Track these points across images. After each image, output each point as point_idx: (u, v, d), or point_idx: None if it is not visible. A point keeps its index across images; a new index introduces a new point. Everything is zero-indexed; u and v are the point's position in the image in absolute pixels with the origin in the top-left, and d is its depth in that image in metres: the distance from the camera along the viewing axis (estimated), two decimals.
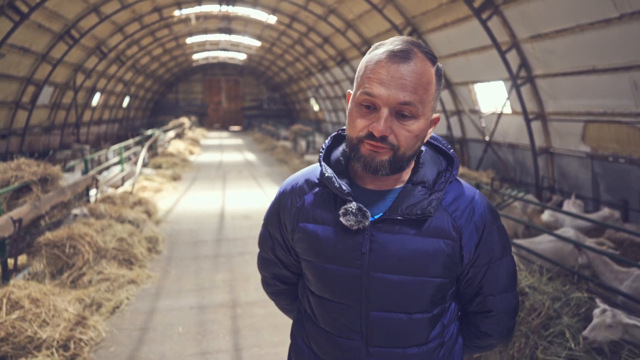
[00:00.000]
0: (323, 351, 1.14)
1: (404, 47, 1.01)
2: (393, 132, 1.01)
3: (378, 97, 1.00)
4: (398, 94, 0.99)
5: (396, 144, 1.02)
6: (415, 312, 1.08)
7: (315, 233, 1.13)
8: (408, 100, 1.00)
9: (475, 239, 1.10)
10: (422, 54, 1.03)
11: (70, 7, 13.01)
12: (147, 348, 3.58)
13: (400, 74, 0.99)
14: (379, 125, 0.99)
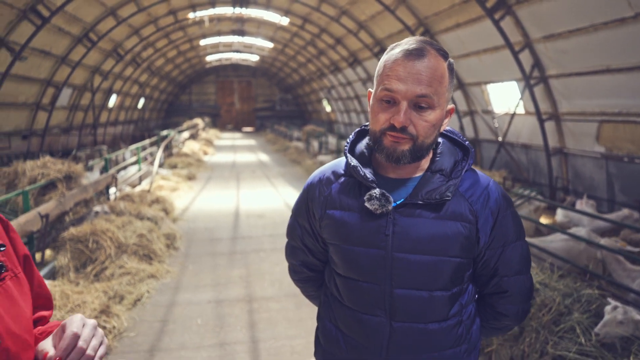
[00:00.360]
0: (350, 329, 1.24)
1: (418, 45, 1.12)
2: (412, 123, 1.11)
3: (397, 91, 1.10)
4: (415, 87, 1.09)
5: (415, 133, 1.12)
6: (435, 289, 1.17)
7: (342, 219, 1.23)
8: (424, 92, 1.10)
9: (490, 223, 1.20)
10: (435, 50, 1.13)
11: (88, 10, 13.32)
12: (168, 338, 3.72)
13: (416, 69, 1.09)
14: (399, 117, 1.10)
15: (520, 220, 1.29)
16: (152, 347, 3.58)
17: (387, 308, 1.18)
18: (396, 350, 1.17)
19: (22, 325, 0.83)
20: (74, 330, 0.80)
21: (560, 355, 3.07)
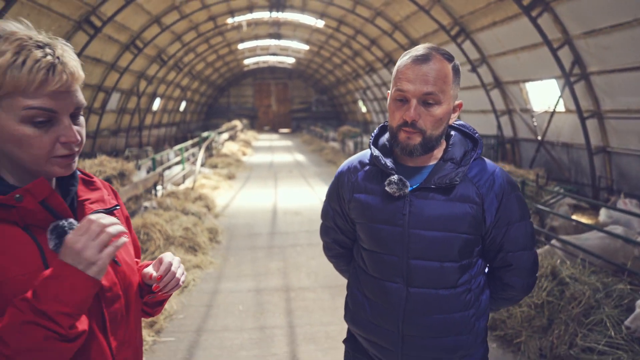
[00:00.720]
0: (373, 294, 1.44)
1: (424, 52, 1.32)
2: (421, 118, 1.30)
3: (407, 91, 1.30)
4: (422, 87, 1.29)
5: (424, 127, 1.31)
6: (445, 261, 1.36)
7: (366, 201, 1.44)
8: (430, 90, 1.29)
9: (495, 205, 1.37)
10: (440, 55, 1.32)
11: (135, 19, 14.13)
12: (212, 321, 4.04)
13: (422, 72, 1.29)
14: (410, 112, 1.29)
15: (525, 203, 1.45)
16: (198, 328, 3.91)
17: (405, 276, 1.38)
18: (412, 312, 1.37)
19: (131, 259, 1.14)
20: (169, 260, 1.13)
21: (589, 347, 3.13)
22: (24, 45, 0.87)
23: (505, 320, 3.57)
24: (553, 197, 5.46)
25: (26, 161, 0.93)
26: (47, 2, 9.43)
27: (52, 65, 0.88)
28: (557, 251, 4.54)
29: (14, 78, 0.86)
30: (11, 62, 0.85)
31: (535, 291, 3.48)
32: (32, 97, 0.88)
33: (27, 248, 0.91)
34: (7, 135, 0.89)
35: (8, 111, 0.88)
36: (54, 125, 0.92)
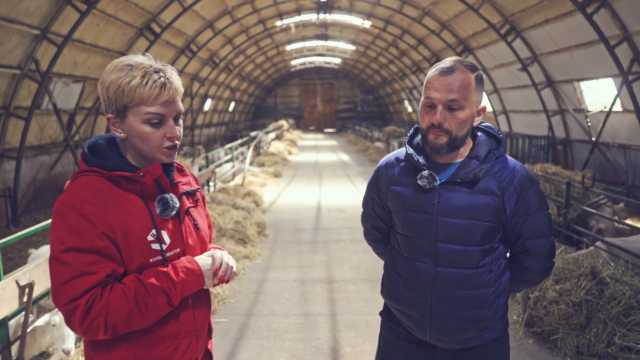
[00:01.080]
0: (406, 272, 1.66)
1: (449, 64, 1.51)
2: (447, 121, 1.51)
3: (434, 98, 1.51)
4: (447, 94, 1.49)
5: (449, 129, 1.51)
6: (468, 245, 1.55)
7: (401, 192, 1.66)
8: (454, 97, 1.49)
9: (514, 197, 1.55)
10: (464, 67, 1.52)
11: (191, 24, 14.93)
12: (260, 306, 4.38)
13: (447, 82, 1.49)
14: (436, 116, 1.50)
15: (543, 196, 1.62)
16: (248, 312, 4.25)
17: (433, 257, 1.59)
18: (438, 287, 1.57)
19: (206, 228, 1.50)
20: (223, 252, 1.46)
21: (628, 346, 3.16)
22: (147, 72, 1.26)
23: (543, 318, 3.64)
24: (601, 199, 5.35)
25: (145, 151, 1.31)
26: (114, 12, 10.26)
27: (163, 84, 1.27)
28: (602, 253, 4.49)
29: (141, 94, 1.25)
30: (139, 83, 1.24)
31: (573, 290, 3.52)
32: (150, 105, 1.27)
33: (143, 211, 1.29)
34: (134, 132, 1.29)
35: (135, 115, 1.27)
36: (163, 125, 1.30)
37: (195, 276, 1.31)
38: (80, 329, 1.19)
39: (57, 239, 1.20)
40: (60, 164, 11.27)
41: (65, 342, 2.66)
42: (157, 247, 1.29)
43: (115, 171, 1.27)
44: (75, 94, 11.05)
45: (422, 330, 1.63)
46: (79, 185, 1.26)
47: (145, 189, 1.30)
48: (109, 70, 1.28)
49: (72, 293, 1.17)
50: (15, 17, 7.59)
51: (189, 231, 1.39)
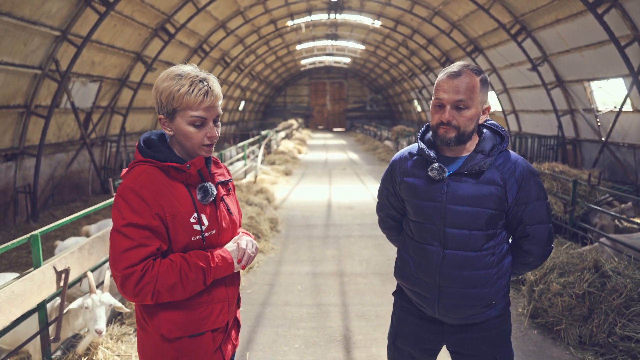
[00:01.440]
0: (417, 254, 1.83)
1: (456, 69, 1.69)
2: (455, 119, 1.68)
3: (443, 99, 1.69)
4: (454, 95, 1.67)
5: (457, 125, 1.69)
6: (473, 229, 1.71)
7: (414, 183, 1.83)
8: (460, 98, 1.66)
9: (515, 187, 1.71)
10: (470, 70, 1.68)
11: (204, 25, 15.19)
12: (275, 297, 4.57)
13: (454, 84, 1.67)
14: (445, 115, 1.68)
15: (542, 187, 1.78)
16: (263, 302, 4.45)
17: (441, 240, 1.76)
18: (446, 268, 1.74)
19: (237, 213, 1.71)
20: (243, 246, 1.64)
21: (628, 335, 3.29)
22: (193, 81, 1.48)
23: (547, 309, 3.78)
24: (607, 197, 5.46)
25: (189, 147, 1.55)
26: (131, 13, 10.53)
27: (206, 92, 1.49)
28: (607, 249, 4.61)
29: (187, 100, 1.47)
30: (187, 91, 1.47)
31: (577, 282, 3.66)
32: (195, 110, 1.49)
33: (187, 197, 1.53)
34: (180, 131, 1.53)
35: (182, 118, 1.51)
36: (205, 126, 1.53)
37: (227, 264, 1.55)
38: (133, 292, 1.40)
39: (120, 216, 1.44)
40: (77, 161, 11.58)
41: (98, 322, 2.87)
42: (198, 228, 1.52)
43: (166, 162, 1.51)
44: (92, 93, 11.35)
45: (431, 307, 1.80)
46: (138, 172, 1.49)
47: (189, 178, 1.54)
48: (162, 78, 1.50)
49: (130, 260, 1.40)
50: (38, 19, 7.87)
51: (222, 215, 1.62)
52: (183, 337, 1.52)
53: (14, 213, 9.23)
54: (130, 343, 3.43)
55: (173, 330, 1.50)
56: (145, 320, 1.54)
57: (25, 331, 3.06)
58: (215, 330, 1.58)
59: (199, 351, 1.54)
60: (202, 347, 1.55)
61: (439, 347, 1.91)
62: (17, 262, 6.58)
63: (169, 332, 1.50)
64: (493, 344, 1.80)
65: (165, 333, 1.50)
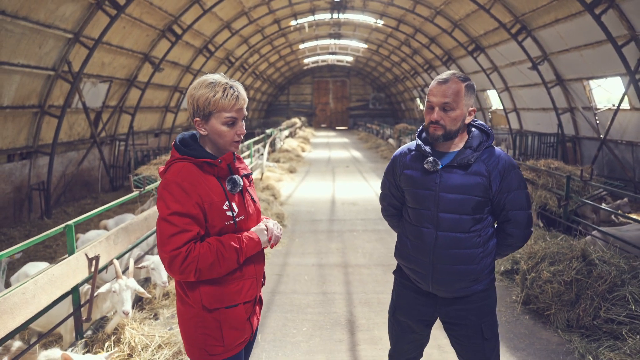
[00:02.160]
0: (413, 236, 2.11)
1: (445, 77, 1.96)
2: (442, 119, 1.96)
3: (433, 102, 1.98)
4: (442, 99, 1.95)
5: (444, 124, 1.96)
6: (462, 214, 1.99)
7: (412, 174, 2.11)
8: (446, 101, 1.94)
9: (499, 178, 1.99)
10: (457, 78, 1.96)
11: (209, 25, 15.47)
12: (283, 286, 4.85)
13: (442, 89, 1.95)
14: (434, 115, 1.96)
15: (522, 177, 2.06)
16: (272, 290, 4.74)
17: (435, 223, 2.03)
18: (439, 247, 2.01)
19: (258, 202, 1.97)
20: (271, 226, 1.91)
21: (611, 318, 3.55)
22: (225, 88, 1.75)
23: (538, 296, 4.04)
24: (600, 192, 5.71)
25: (221, 144, 1.81)
26: (139, 15, 10.82)
27: (237, 97, 1.77)
28: (598, 241, 4.87)
29: (223, 104, 1.74)
30: (221, 96, 1.74)
31: (565, 270, 3.92)
32: (228, 112, 1.76)
33: (219, 188, 1.79)
34: (215, 130, 1.78)
35: (217, 119, 1.77)
36: (235, 125, 1.80)
37: (254, 243, 1.80)
38: (179, 270, 1.66)
39: (165, 206, 1.69)
40: (87, 159, 11.91)
41: (125, 305, 3.16)
42: (230, 214, 1.78)
43: (200, 158, 1.76)
44: (102, 93, 11.66)
45: (426, 282, 2.08)
46: (178, 168, 1.75)
47: (220, 171, 1.81)
48: (197, 87, 1.75)
49: (175, 244, 1.65)
50: (52, 22, 8.17)
51: (248, 203, 1.89)
52: (220, 308, 1.77)
53: (29, 210, 9.55)
54: (151, 326, 3.72)
55: (212, 302, 1.76)
56: (187, 294, 1.78)
57: (57, 314, 3.36)
58: (247, 303, 1.84)
59: (234, 320, 1.79)
60: (237, 317, 1.80)
61: (433, 318, 2.18)
62: (35, 255, 6.89)
63: (209, 303, 1.75)
64: (479, 314, 2.08)
65: (206, 304, 1.75)
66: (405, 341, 2.26)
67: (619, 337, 3.43)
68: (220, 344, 1.77)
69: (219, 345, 1.77)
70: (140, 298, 4.29)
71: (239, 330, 1.81)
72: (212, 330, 1.77)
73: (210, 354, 1.78)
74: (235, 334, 1.80)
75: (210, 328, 1.76)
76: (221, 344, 1.77)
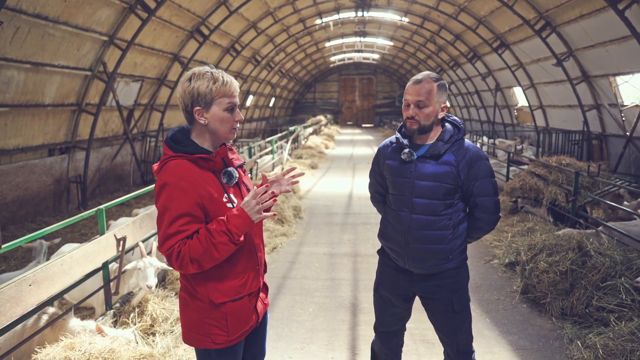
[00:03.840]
0: (392, 219, 2.36)
1: (420, 77, 2.21)
2: (417, 115, 2.21)
3: (409, 100, 2.23)
4: (416, 97, 2.20)
5: (419, 119, 2.21)
6: (434, 199, 2.23)
7: (391, 164, 2.37)
8: (420, 99, 2.19)
9: (466, 168, 2.22)
10: (430, 78, 2.20)
11: (235, 26, 15.97)
12: (294, 272, 5.19)
13: (416, 89, 2.19)
14: (409, 111, 2.21)
15: (490, 168, 2.28)
16: (284, 275, 5.07)
17: (410, 207, 2.29)
18: (413, 229, 2.26)
19: None
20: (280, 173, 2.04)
21: (602, 306, 3.70)
22: (222, 75, 1.78)
23: (535, 285, 4.21)
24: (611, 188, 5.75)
25: (222, 131, 1.81)
26: (169, 18, 11.38)
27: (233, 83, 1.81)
28: (603, 236, 4.96)
29: (224, 90, 1.77)
30: (221, 83, 1.76)
31: (561, 261, 4.08)
32: (229, 97, 1.79)
33: (215, 182, 1.80)
34: (216, 117, 1.78)
35: (219, 106, 1.77)
36: (234, 111, 1.82)
37: (242, 218, 1.70)
38: (176, 264, 1.70)
39: (162, 206, 1.71)
40: (120, 155, 12.61)
41: (149, 279, 3.56)
42: (230, 206, 1.79)
43: (195, 154, 1.76)
44: (134, 91, 12.32)
45: (402, 259, 2.35)
46: (173, 166, 1.73)
47: (215, 165, 1.80)
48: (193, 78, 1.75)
49: (171, 243, 1.69)
50: (90, 26, 8.78)
51: (245, 194, 1.91)
52: (227, 301, 1.82)
53: (67, 201, 10.28)
54: (172, 303, 4.12)
55: (219, 296, 1.80)
56: (195, 289, 1.81)
57: (89, 288, 3.81)
58: (251, 294, 1.90)
59: (240, 312, 1.85)
60: (243, 309, 1.86)
61: (410, 292, 2.44)
62: (72, 240, 7.49)
63: (216, 298, 1.80)
64: (450, 289, 2.33)
65: (214, 299, 1.79)
66: (387, 314, 2.53)
67: (609, 325, 3.58)
68: (225, 333, 1.83)
69: (223, 335, 1.83)
70: (164, 278, 4.72)
71: (243, 321, 1.87)
72: (218, 321, 1.82)
73: (215, 343, 1.84)
74: (240, 325, 1.86)
75: (217, 319, 1.82)
76: (226, 334, 1.83)
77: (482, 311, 4.17)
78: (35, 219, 9.16)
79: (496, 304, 4.33)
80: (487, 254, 5.66)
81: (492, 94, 20.43)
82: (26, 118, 8.63)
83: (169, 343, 3.38)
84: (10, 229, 8.34)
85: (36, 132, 9.05)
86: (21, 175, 8.88)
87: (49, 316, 3.02)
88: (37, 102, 8.66)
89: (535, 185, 6.54)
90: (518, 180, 6.82)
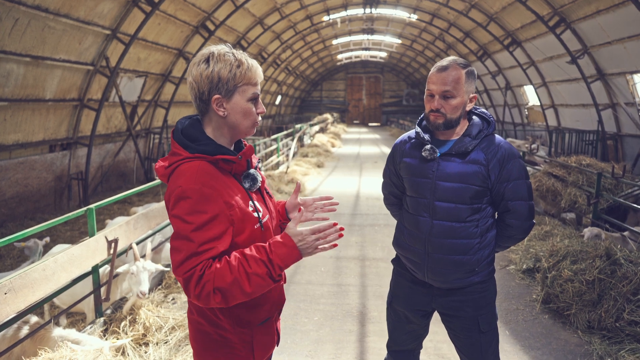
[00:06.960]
0: (410, 225, 2.09)
1: (445, 63, 1.92)
2: (443, 107, 1.92)
3: (432, 90, 1.93)
4: (441, 87, 1.90)
5: (445, 112, 1.92)
6: (458, 203, 1.95)
7: (410, 162, 2.09)
8: (446, 89, 1.90)
9: (498, 167, 1.93)
10: (457, 64, 1.91)
11: (242, 22, 15.73)
12: (299, 276, 4.91)
13: (442, 77, 1.90)
14: (434, 103, 1.92)
15: (524, 167, 1.99)
16: (288, 281, 4.80)
17: (430, 212, 2.00)
18: (433, 236, 1.98)
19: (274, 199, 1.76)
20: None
21: (635, 320, 3.39)
22: (246, 59, 1.45)
23: (558, 295, 3.90)
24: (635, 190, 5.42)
25: (244, 126, 1.48)
26: (174, 12, 11.14)
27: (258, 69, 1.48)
28: (630, 241, 4.64)
29: (249, 77, 1.44)
30: (247, 67, 1.43)
31: (588, 269, 3.77)
32: (253, 85, 1.46)
33: (239, 187, 1.48)
34: (239, 108, 1.45)
35: (242, 94, 1.44)
36: (258, 103, 1.50)
37: (288, 248, 1.36)
38: (194, 293, 1.32)
39: (182, 221, 1.34)
40: (123, 151, 12.41)
41: (142, 285, 3.30)
42: (256, 215, 1.47)
43: (217, 155, 1.43)
44: (137, 87, 12.11)
45: (421, 271, 2.06)
46: (192, 170, 1.38)
47: (237, 167, 1.47)
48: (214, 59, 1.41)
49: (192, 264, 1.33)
50: (92, 19, 8.55)
51: (267, 198, 1.62)
52: (256, 325, 1.55)
53: (68, 198, 10.08)
54: (168, 309, 3.87)
55: (251, 319, 1.53)
56: (218, 316, 1.50)
57: (80, 293, 3.56)
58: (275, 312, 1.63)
59: (266, 337, 1.59)
60: (269, 332, 1.61)
61: (429, 308, 2.16)
62: (70, 240, 7.27)
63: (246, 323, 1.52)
64: (475, 306, 2.04)
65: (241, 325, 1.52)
66: (402, 332, 2.25)
67: None
68: None
69: None
70: (160, 281, 4.47)
71: (269, 346, 1.63)
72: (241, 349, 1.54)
73: None
74: (266, 349, 1.62)
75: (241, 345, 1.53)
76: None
77: (501, 322, 3.87)
78: (35, 216, 8.96)
79: (515, 314, 4.03)
80: (503, 259, 5.35)
81: (502, 92, 20.03)
82: (26, 113, 8.42)
83: (163, 355, 3.11)
84: (9, 226, 8.15)
85: (36, 128, 8.85)
86: (21, 172, 8.69)
87: (30, 326, 2.76)
88: (38, 97, 8.45)
89: (552, 186, 6.22)
90: (534, 181, 6.49)
